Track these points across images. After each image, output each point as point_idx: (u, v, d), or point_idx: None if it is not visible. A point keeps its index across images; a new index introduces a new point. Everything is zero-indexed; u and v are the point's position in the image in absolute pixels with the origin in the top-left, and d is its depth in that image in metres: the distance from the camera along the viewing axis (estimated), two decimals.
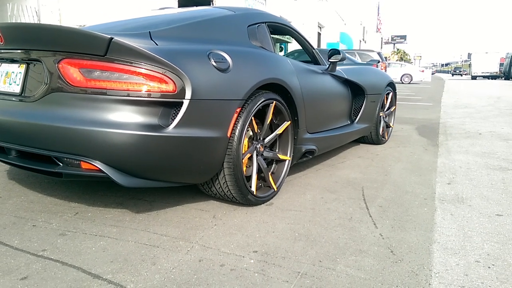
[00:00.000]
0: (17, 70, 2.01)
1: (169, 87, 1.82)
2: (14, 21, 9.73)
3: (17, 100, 1.98)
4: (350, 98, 3.73)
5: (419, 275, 1.64)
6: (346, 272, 1.64)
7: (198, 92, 1.89)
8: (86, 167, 1.84)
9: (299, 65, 2.83)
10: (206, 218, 2.18)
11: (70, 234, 1.94)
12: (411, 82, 25.84)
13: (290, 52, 11.26)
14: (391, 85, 4.54)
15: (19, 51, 1.97)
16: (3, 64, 2.09)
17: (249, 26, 2.62)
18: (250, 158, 2.36)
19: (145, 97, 1.78)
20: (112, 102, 1.78)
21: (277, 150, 2.63)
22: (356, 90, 3.82)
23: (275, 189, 2.50)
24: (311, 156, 3.00)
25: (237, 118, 2.11)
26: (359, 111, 3.85)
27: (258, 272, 1.62)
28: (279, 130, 2.52)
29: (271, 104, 2.37)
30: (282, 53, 24.34)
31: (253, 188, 2.29)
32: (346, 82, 3.64)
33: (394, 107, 4.68)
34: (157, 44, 1.94)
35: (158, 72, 1.79)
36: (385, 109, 4.48)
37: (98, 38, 1.73)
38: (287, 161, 2.63)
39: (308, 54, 3.39)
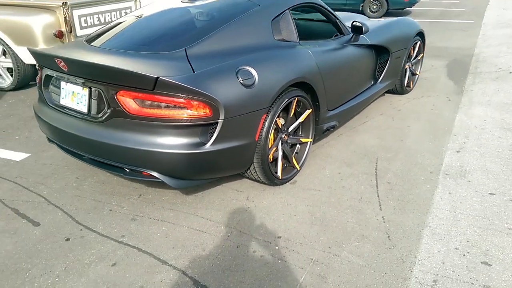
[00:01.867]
0: (82, 92, 2.44)
1: (206, 111, 2.21)
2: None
3: (85, 118, 2.44)
4: (374, 60, 3.90)
5: (405, 262, 2.12)
6: (348, 259, 2.15)
7: (230, 112, 2.27)
8: (146, 174, 2.35)
9: (319, 51, 3.04)
10: (241, 200, 2.71)
11: (139, 219, 2.53)
12: None
13: None
14: (420, 34, 4.59)
15: (81, 79, 2.39)
16: (68, 84, 2.52)
17: (273, 19, 2.84)
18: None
19: (187, 122, 2.20)
20: (162, 126, 2.22)
21: (300, 134, 3.02)
22: (380, 49, 3.97)
23: (298, 168, 2.95)
24: (333, 130, 3.36)
25: (263, 123, 2.49)
26: (383, 70, 4.04)
27: (281, 259, 2.17)
28: (301, 118, 2.88)
29: (293, 101, 2.71)
30: None
31: (279, 173, 2.76)
32: (370, 46, 3.80)
33: (422, 54, 4.77)
34: (193, 70, 2.28)
35: (196, 101, 2.18)
36: (411, 59, 4.60)
37: (147, 77, 2.11)
38: (309, 142, 3.03)
39: (333, 25, 3.54)
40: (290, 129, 2.84)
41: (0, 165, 3.22)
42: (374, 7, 10.26)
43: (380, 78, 4.05)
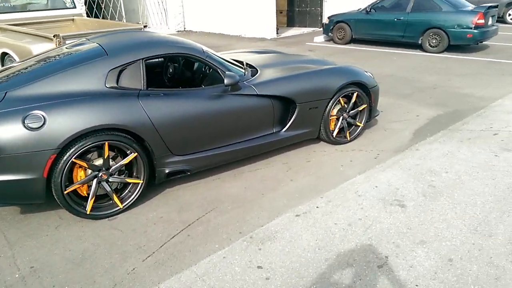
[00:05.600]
0: None
1: None
2: None
3: None
4: (268, 110, 3.79)
5: None
6: None
7: (6, 150, 2.65)
8: None
9: (160, 100, 3.17)
10: (51, 227, 3.03)
11: None
12: None
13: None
14: (358, 84, 4.30)
15: None
16: None
17: (112, 69, 3.12)
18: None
19: None
20: None
21: (135, 175, 3.21)
22: (286, 99, 3.89)
23: (121, 207, 3.15)
24: (188, 173, 3.46)
25: (53, 163, 2.80)
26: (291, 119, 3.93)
27: (20, 283, 2.44)
28: (125, 161, 3.09)
29: (104, 144, 2.95)
30: None
31: (88, 209, 3.01)
32: (268, 95, 3.74)
33: (365, 105, 4.42)
34: None
35: None
36: (348, 110, 4.33)
37: None
38: (140, 183, 3.21)
39: (214, 71, 3.63)
40: (112, 169, 3.07)
41: None
42: (434, 41, 9.41)
43: (286, 127, 3.95)
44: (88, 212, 3.03)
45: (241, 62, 4.28)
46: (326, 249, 2.67)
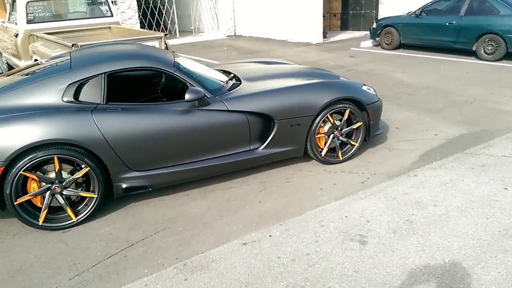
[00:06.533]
0: None
1: None
2: None
3: None
4: (243, 126, 3.59)
5: None
6: None
7: None
8: None
9: (115, 115, 3.13)
10: (10, 233, 3.13)
11: None
12: None
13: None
14: (352, 100, 3.95)
15: None
16: None
17: (70, 84, 3.15)
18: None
19: None
20: None
21: (92, 188, 3.21)
22: (264, 115, 3.67)
23: (75, 220, 3.17)
24: (149, 189, 3.39)
25: (2, 175, 2.88)
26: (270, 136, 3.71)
27: None
28: (77, 175, 3.10)
29: (54, 158, 2.98)
30: None
31: (40, 220, 3.06)
32: (243, 111, 3.56)
33: (360, 123, 4.04)
34: None
35: None
36: (340, 128, 4.00)
37: None
38: (95, 197, 3.20)
39: (183, 85, 3.53)
40: (65, 183, 3.10)
41: None
42: (490, 48, 8.46)
43: (264, 145, 3.73)
44: (40, 223, 3.08)
45: (229, 74, 4.13)
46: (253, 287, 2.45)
